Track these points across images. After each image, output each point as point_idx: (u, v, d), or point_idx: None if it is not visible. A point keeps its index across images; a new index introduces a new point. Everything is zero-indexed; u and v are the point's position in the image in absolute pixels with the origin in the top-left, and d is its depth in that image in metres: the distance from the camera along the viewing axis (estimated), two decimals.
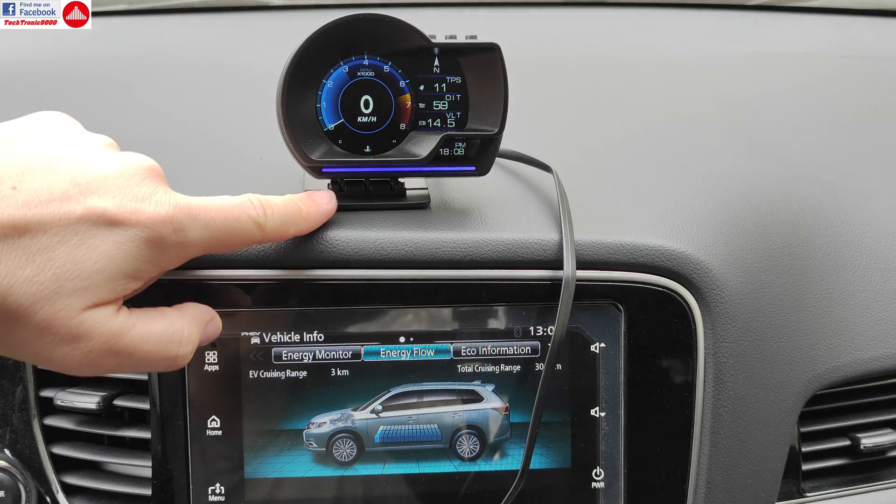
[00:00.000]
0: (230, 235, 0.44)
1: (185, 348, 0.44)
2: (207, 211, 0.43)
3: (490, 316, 0.55)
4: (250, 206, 0.45)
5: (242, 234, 0.45)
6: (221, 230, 0.43)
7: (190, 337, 0.45)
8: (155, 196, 0.42)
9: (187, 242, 0.42)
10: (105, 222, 0.40)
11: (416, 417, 0.55)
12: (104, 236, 0.40)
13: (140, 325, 0.42)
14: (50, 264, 0.38)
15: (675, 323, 0.55)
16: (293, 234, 0.49)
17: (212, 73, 0.84)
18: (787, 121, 0.79)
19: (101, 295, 0.40)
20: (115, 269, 0.40)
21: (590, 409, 0.56)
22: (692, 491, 0.56)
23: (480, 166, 0.55)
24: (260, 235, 0.46)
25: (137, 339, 0.42)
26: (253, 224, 0.45)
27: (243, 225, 0.44)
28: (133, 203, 0.41)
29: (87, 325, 0.40)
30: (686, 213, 0.59)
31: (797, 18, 1.07)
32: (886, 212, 0.68)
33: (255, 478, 0.55)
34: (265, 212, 0.45)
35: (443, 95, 0.54)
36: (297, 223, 0.48)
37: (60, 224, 0.39)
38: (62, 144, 0.42)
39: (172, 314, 0.45)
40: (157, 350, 0.43)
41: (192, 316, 0.46)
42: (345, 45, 0.53)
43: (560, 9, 1.08)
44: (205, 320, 0.47)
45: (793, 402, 0.59)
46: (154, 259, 0.42)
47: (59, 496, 0.56)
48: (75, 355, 0.40)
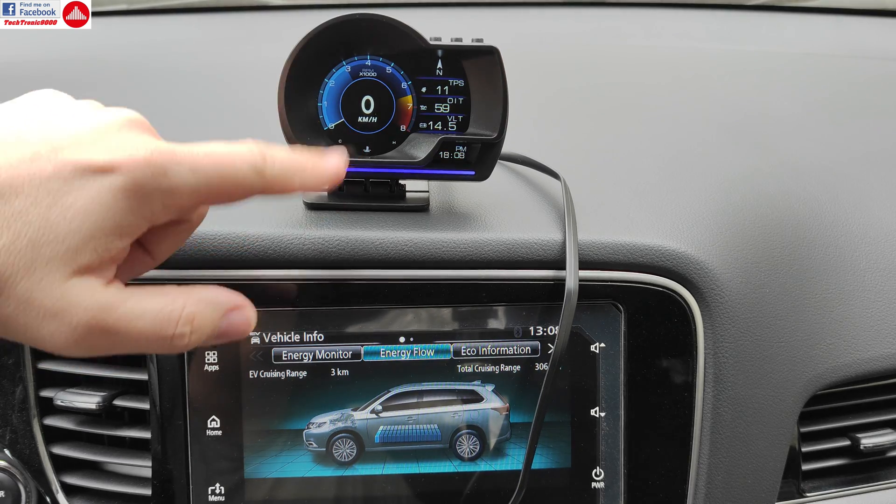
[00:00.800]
0: (224, 182, 0.39)
1: (183, 328, 0.39)
2: (194, 156, 0.38)
3: (490, 316, 0.55)
4: (248, 151, 0.40)
5: (238, 181, 0.39)
6: (213, 176, 0.39)
7: (190, 317, 0.40)
8: (133, 142, 0.38)
9: (173, 189, 0.38)
10: (78, 175, 0.36)
11: (416, 417, 0.55)
12: (78, 191, 0.36)
13: (134, 300, 0.38)
14: (26, 229, 0.36)
15: (675, 323, 0.55)
16: (299, 186, 0.43)
17: (212, 72, 0.84)
18: (787, 121, 0.79)
19: (82, 259, 0.36)
20: (92, 226, 0.36)
21: (590, 409, 0.56)
22: (692, 491, 0.56)
23: (480, 171, 0.55)
24: (260, 184, 0.40)
25: (129, 315, 0.38)
26: (251, 170, 0.40)
27: (239, 171, 0.39)
28: (108, 152, 0.37)
29: (70, 296, 0.36)
30: (686, 214, 0.59)
31: (797, 18, 1.07)
32: (886, 212, 0.68)
33: (255, 478, 0.55)
34: (265, 159, 0.40)
35: (444, 98, 0.54)
36: (303, 174, 0.42)
37: (32, 184, 0.36)
38: (42, 112, 0.40)
39: (173, 291, 0.40)
40: (152, 329, 0.38)
41: (200, 297, 0.41)
42: (347, 45, 0.53)
43: (560, 9, 1.08)
44: (223, 305, 0.41)
45: (793, 402, 0.59)
46: (136, 210, 0.37)
47: (59, 496, 0.56)
48: (62, 331, 0.37)
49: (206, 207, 0.45)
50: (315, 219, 0.55)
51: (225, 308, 0.41)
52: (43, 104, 0.41)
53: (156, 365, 0.53)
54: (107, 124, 0.39)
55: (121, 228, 0.37)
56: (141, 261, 0.44)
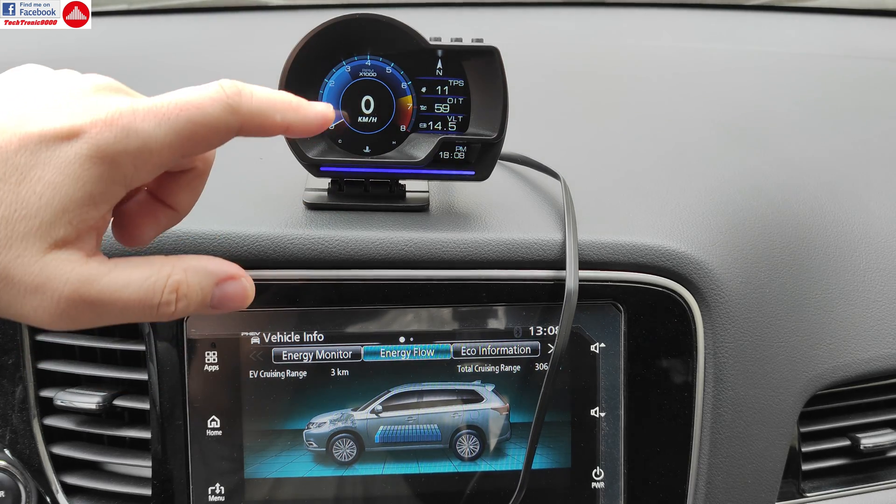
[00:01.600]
0: (196, 129, 0.37)
1: (169, 296, 0.38)
2: (159, 108, 0.36)
3: (490, 316, 0.55)
4: (217, 90, 0.38)
5: (212, 123, 0.37)
6: (183, 125, 0.37)
7: (175, 285, 0.38)
8: (97, 105, 0.36)
9: (142, 148, 0.36)
10: (44, 146, 0.35)
11: (416, 417, 0.55)
12: (45, 164, 0.35)
13: (117, 271, 0.37)
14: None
15: (675, 323, 0.55)
16: (280, 123, 0.40)
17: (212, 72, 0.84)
18: (787, 121, 0.79)
19: (56, 233, 0.35)
20: (64, 198, 0.35)
21: (590, 409, 0.56)
22: (692, 491, 0.56)
23: (480, 171, 0.55)
24: (236, 122, 0.38)
25: (113, 286, 0.37)
26: (223, 110, 0.37)
27: (210, 112, 0.37)
28: (70, 118, 0.36)
29: (50, 270, 0.36)
30: (686, 214, 0.59)
31: (797, 18, 1.08)
32: (886, 212, 0.68)
33: (255, 478, 0.55)
34: (241, 95, 0.38)
35: (444, 98, 0.54)
36: (284, 112, 0.40)
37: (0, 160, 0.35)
38: (16, 87, 0.39)
39: (159, 260, 0.39)
40: (138, 298, 0.37)
41: (188, 265, 0.39)
42: (347, 44, 0.53)
43: (560, 9, 1.08)
44: (214, 274, 0.40)
45: (793, 402, 0.59)
46: (107, 176, 0.36)
47: (59, 496, 0.56)
48: (45, 306, 0.36)
49: (212, 151, 0.42)
50: (315, 219, 0.55)
51: (216, 277, 0.40)
52: (19, 79, 0.40)
53: (156, 365, 0.53)
54: (77, 91, 0.38)
55: (93, 197, 0.36)
56: (166, 215, 0.43)
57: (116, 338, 0.56)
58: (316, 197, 0.57)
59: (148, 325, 0.53)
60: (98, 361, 0.57)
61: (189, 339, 0.53)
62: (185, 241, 0.52)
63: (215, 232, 0.53)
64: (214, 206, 0.43)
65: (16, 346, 0.56)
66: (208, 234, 0.53)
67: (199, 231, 0.53)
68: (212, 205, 0.49)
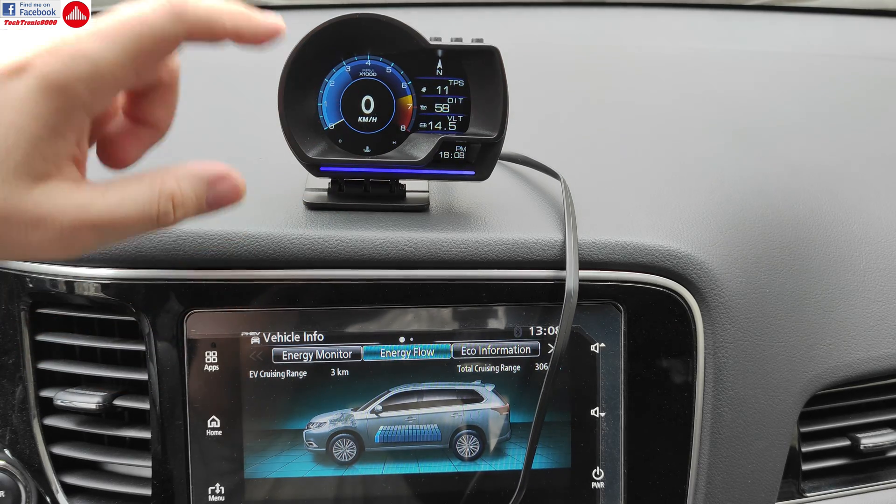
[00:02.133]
0: (143, 42, 0.37)
1: (165, 206, 0.39)
2: (103, 28, 0.36)
3: (490, 316, 0.55)
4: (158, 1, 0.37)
5: (158, 34, 0.37)
6: (129, 41, 0.36)
7: (169, 194, 0.39)
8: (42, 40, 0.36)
9: (93, 71, 0.36)
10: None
11: (416, 417, 0.55)
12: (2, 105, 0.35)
13: (112, 191, 0.38)
14: None
15: (675, 323, 0.55)
16: (230, 29, 0.39)
17: (212, 72, 0.84)
18: (787, 121, 0.79)
19: (36, 168, 0.36)
20: (30, 136, 0.35)
21: (590, 409, 0.56)
22: (692, 491, 0.56)
23: (480, 171, 0.55)
24: (183, 26, 0.37)
25: (110, 206, 0.37)
26: (168, 19, 0.37)
27: (155, 23, 0.37)
28: (16, 54, 0.35)
29: (44, 204, 0.36)
30: (686, 214, 0.59)
31: (797, 18, 1.08)
32: (886, 212, 0.68)
33: (255, 478, 0.55)
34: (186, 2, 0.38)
35: (444, 98, 0.54)
36: (234, 18, 0.39)
37: None
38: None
39: (149, 174, 0.39)
40: (136, 213, 0.38)
41: (177, 174, 0.40)
42: (347, 44, 0.53)
43: (560, 9, 1.08)
44: (203, 177, 0.40)
45: (793, 402, 0.59)
46: (66, 107, 0.36)
47: (59, 496, 0.56)
48: (50, 238, 0.37)
49: (174, 61, 0.42)
50: (315, 219, 0.55)
51: (206, 179, 0.40)
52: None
53: (156, 365, 0.53)
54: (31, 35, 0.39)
55: (57, 129, 0.36)
56: (146, 133, 0.43)
57: (116, 338, 0.56)
58: (316, 197, 0.57)
59: (148, 326, 0.53)
60: (98, 361, 0.57)
61: (189, 339, 0.53)
62: (185, 241, 0.52)
63: (215, 231, 0.53)
64: None
65: (16, 346, 0.56)
66: (208, 234, 0.53)
67: (199, 231, 0.53)
68: None
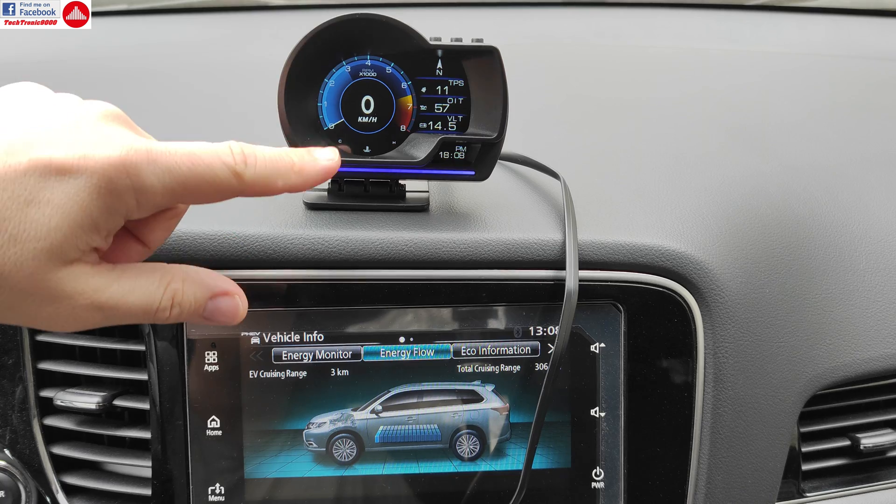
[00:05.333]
0: (199, 182, 0.40)
1: (166, 303, 0.41)
2: (171, 155, 0.39)
3: (490, 316, 0.55)
4: (227, 152, 0.40)
5: (215, 183, 0.40)
6: (188, 177, 0.39)
7: (174, 292, 0.41)
8: (109, 139, 0.38)
9: (145, 188, 0.39)
10: (53, 173, 0.37)
11: (415, 417, 0.55)
12: (53, 189, 0.37)
13: (124, 278, 0.40)
14: (5, 224, 0.36)
15: (675, 323, 0.55)
16: (282, 188, 0.43)
17: (212, 72, 0.84)
18: (787, 121, 0.79)
19: (66, 254, 0.38)
20: (72, 223, 0.37)
21: (590, 409, 0.56)
22: (692, 491, 0.56)
23: (480, 171, 0.55)
24: (238, 186, 0.41)
25: (120, 292, 0.40)
26: (228, 172, 0.40)
27: (216, 172, 0.40)
28: (82, 149, 0.37)
29: (65, 285, 0.38)
30: (686, 214, 0.59)
31: (797, 18, 1.08)
32: (886, 212, 0.68)
33: (254, 478, 0.55)
34: (246, 160, 0.41)
35: (444, 98, 0.54)
36: (286, 176, 0.43)
37: (7, 179, 0.36)
38: (19, 106, 0.40)
39: (160, 268, 0.42)
40: (140, 304, 0.40)
41: (186, 275, 0.42)
42: (347, 44, 0.53)
43: (560, 9, 1.08)
44: (209, 288, 0.43)
45: (793, 402, 0.59)
46: (111, 208, 0.38)
47: (59, 496, 0.56)
48: (62, 314, 0.39)
49: None
50: (315, 219, 0.55)
51: (211, 291, 0.43)
52: (21, 97, 0.41)
53: (156, 365, 0.53)
54: (83, 119, 0.39)
55: (97, 225, 0.38)
56: (135, 250, 0.45)
57: (116, 338, 0.56)
58: (316, 197, 0.57)
59: (148, 325, 0.53)
60: (98, 361, 0.57)
61: (189, 339, 0.53)
62: (185, 241, 0.52)
63: (215, 232, 0.53)
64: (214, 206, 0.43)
65: (16, 346, 0.56)
66: (208, 234, 0.53)
67: (199, 231, 0.53)
68: (212, 205, 0.49)
